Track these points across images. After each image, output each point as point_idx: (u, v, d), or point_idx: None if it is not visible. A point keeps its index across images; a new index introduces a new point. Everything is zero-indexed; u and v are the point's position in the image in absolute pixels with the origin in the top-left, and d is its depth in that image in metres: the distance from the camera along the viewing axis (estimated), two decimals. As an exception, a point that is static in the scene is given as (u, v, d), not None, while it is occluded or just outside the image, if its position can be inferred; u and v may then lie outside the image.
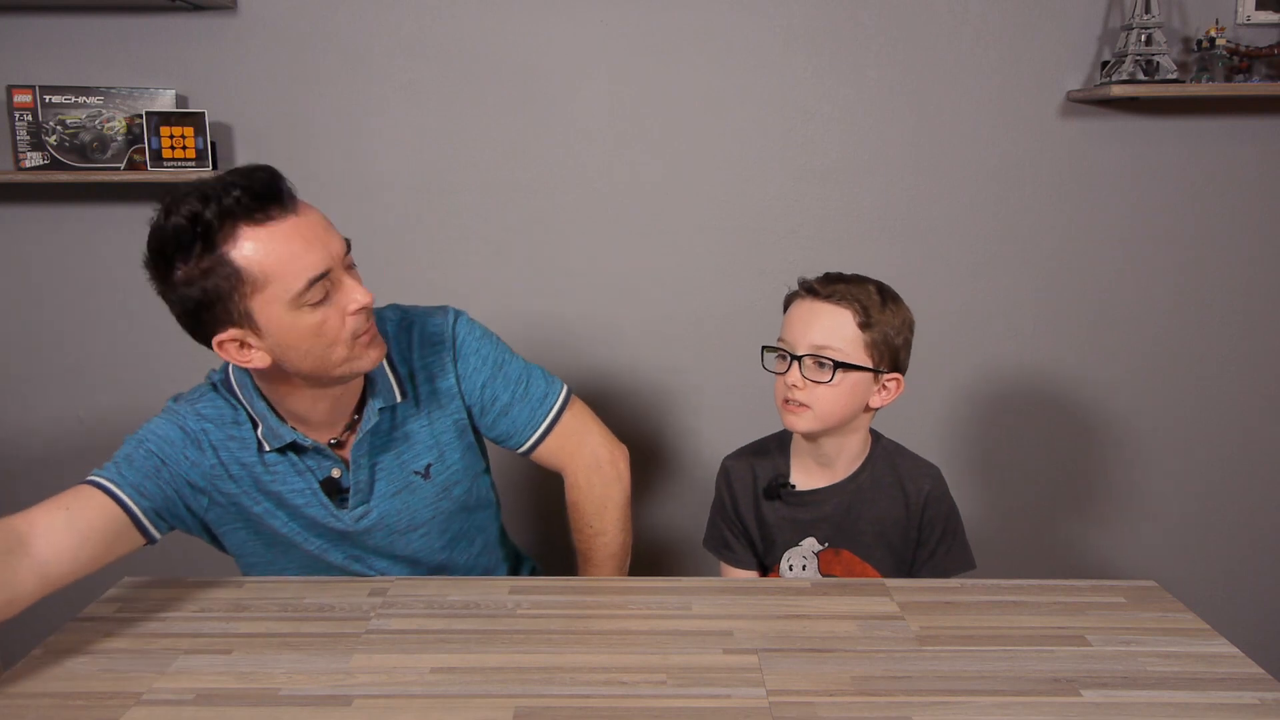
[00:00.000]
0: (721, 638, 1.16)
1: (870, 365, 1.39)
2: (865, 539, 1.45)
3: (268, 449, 1.29)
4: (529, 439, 1.43)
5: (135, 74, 2.08)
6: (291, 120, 2.11)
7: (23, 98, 2.02)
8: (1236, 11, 2.07)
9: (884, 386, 1.41)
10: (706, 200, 2.16)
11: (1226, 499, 2.27)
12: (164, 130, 2.01)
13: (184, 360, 2.19)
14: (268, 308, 1.16)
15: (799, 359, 1.38)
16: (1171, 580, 1.62)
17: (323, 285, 1.17)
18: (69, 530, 1.16)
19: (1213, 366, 2.22)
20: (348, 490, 1.33)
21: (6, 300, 2.18)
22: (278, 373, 1.24)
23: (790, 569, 1.46)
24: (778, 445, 1.52)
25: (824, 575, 1.45)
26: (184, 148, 2.01)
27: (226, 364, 1.31)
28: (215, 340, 1.19)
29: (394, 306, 1.41)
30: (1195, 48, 2.06)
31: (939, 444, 2.22)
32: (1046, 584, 1.33)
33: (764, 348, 1.45)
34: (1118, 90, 1.97)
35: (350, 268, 1.23)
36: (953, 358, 2.19)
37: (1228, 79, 2.04)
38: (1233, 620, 1.85)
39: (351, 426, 1.34)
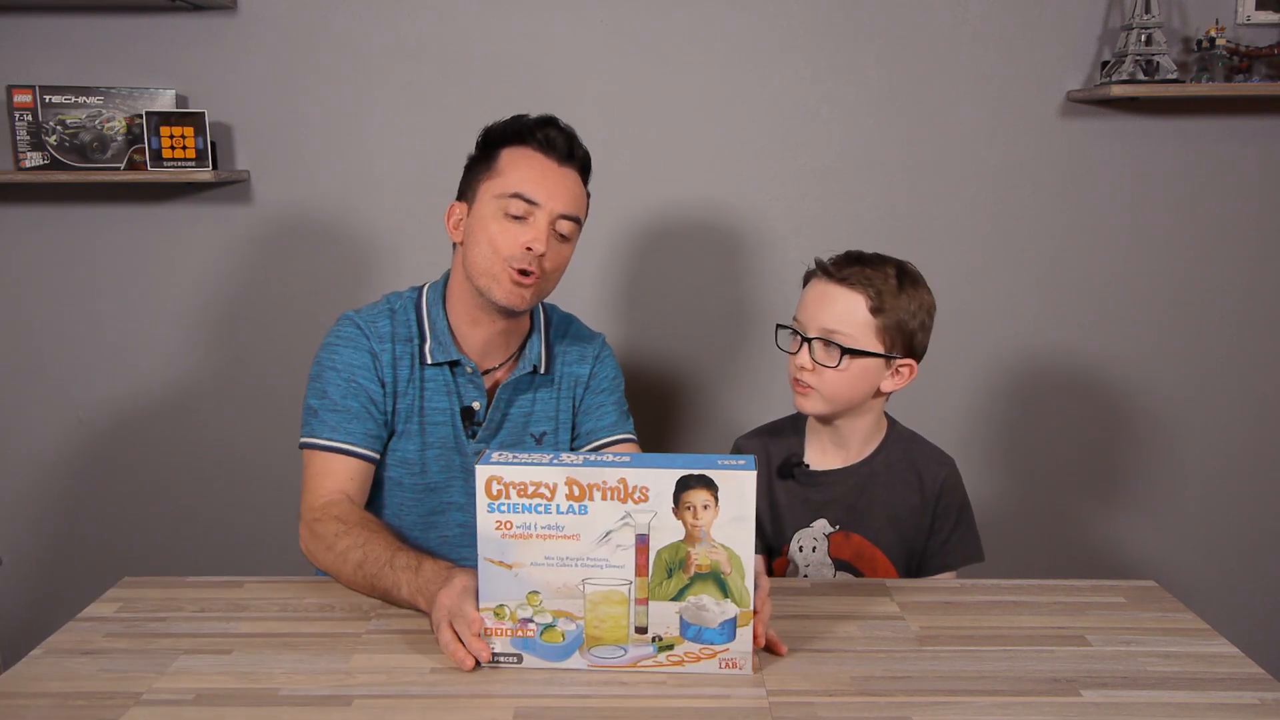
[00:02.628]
0: (721, 638, 1.16)
1: (881, 351, 1.38)
2: (877, 523, 1.45)
3: (430, 362, 1.47)
4: (602, 439, 1.57)
5: (135, 74, 2.08)
6: (291, 120, 2.11)
7: (23, 98, 2.01)
8: (1236, 11, 2.07)
9: (896, 371, 1.41)
10: (707, 200, 2.16)
11: (1226, 499, 2.27)
12: (164, 130, 2.01)
13: (184, 361, 2.21)
14: (486, 194, 1.43)
15: (809, 341, 1.39)
16: (1171, 580, 1.62)
17: (522, 206, 1.40)
18: (361, 498, 1.43)
19: (1212, 367, 2.22)
20: (480, 425, 1.50)
21: (6, 300, 2.18)
22: (459, 285, 1.47)
23: (800, 550, 1.46)
24: (792, 426, 1.53)
25: (833, 558, 1.45)
26: (184, 148, 2.01)
27: (422, 286, 1.53)
28: (450, 205, 1.49)
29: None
30: (1195, 48, 2.06)
31: (937, 441, 2.21)
32: (1046, 584, 1.33)
33: (778, 325, 1.45)
34: (1118, 90, 1.97)
35: (559, 235, 1.43)
36: (950, 358, 2.18)
37: (1228, 79, 2.04)
38: (1233, 620, 1.85)
39: (505, 367, 1.53)
